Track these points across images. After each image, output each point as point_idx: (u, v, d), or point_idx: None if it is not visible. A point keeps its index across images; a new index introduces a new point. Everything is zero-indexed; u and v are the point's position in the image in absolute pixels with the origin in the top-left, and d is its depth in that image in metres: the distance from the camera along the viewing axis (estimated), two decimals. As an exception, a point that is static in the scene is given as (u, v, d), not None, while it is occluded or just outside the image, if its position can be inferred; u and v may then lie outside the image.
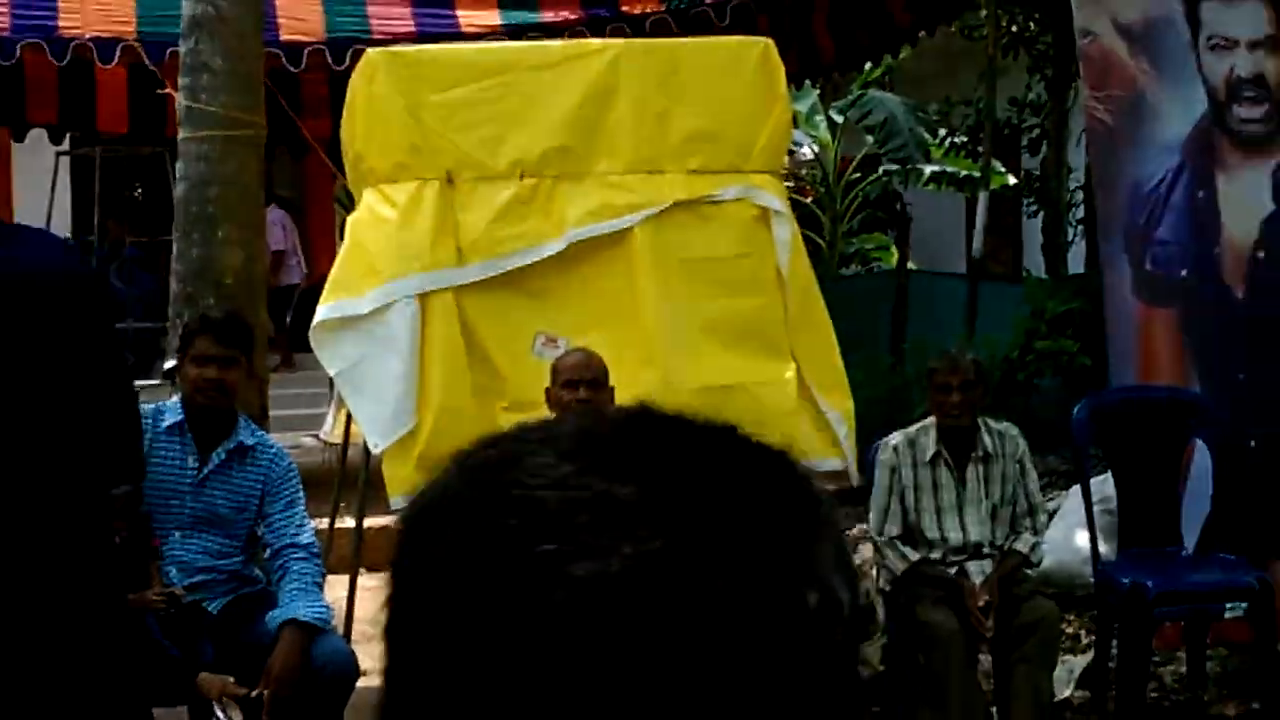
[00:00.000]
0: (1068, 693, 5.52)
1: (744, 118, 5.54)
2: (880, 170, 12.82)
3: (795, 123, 13.54)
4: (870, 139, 12.42)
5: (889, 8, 9.13)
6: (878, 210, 13.89)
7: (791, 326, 5.53)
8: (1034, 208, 11.66)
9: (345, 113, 5.62)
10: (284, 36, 8.62)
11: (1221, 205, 5.86)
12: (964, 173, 12.17)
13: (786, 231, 5.55)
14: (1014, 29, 10.11)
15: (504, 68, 5.53)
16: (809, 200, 13.97)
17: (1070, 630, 6.01)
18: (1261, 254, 5.79)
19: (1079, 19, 6.06)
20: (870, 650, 6.01)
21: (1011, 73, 11.06)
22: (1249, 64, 5.90)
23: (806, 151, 14.11)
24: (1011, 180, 12.70)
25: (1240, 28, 5.93)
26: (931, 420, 5.18)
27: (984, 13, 9.31)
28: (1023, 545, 5.09)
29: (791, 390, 5.46)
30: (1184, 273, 5.89)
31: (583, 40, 6.29)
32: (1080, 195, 10.40)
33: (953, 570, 5.07)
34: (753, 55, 5.61)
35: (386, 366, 5.17)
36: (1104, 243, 6.12)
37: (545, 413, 4.99)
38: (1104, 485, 5.72)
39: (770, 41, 5.71)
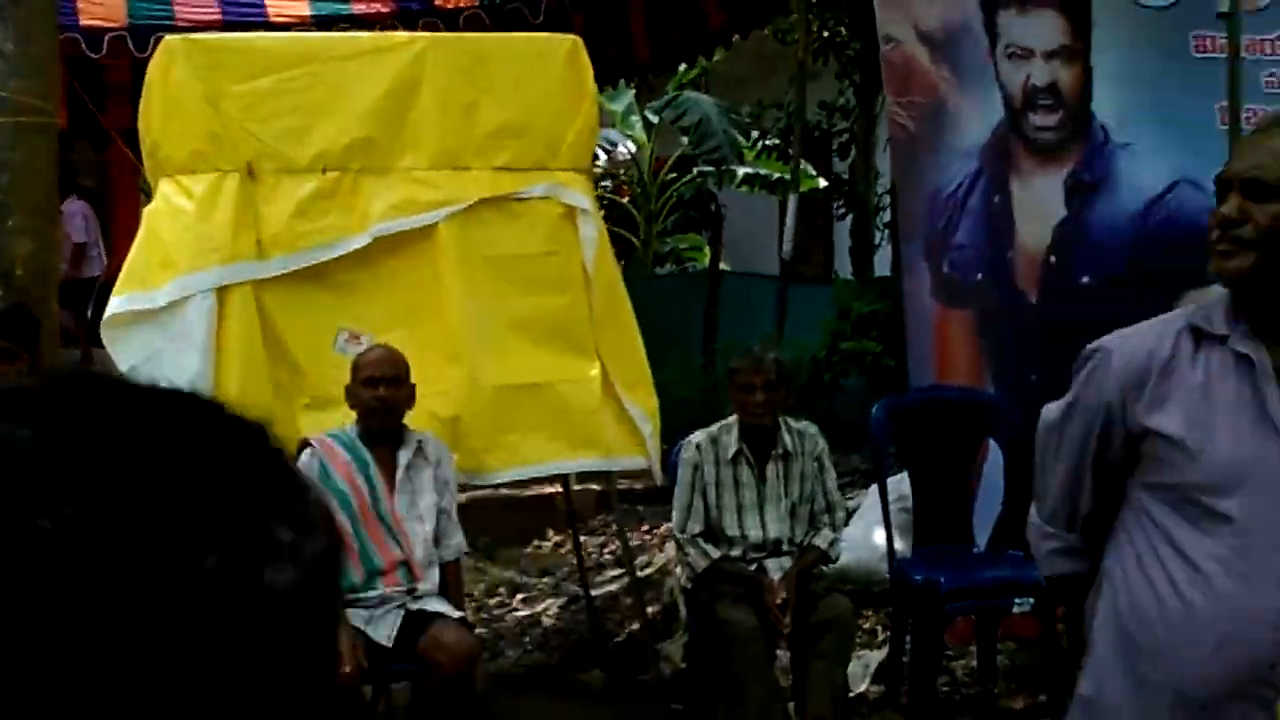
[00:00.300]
0: (863, 687, 5.62)
1: (551, 115, 5.53)
2: (695, 171, 12.92)
3: (611, 122, 13.59)
4: (685, 140, 12.51)
5: (703, 9, 9.20)
6: (692, 210, 14.00)
7: (597, 325, 5.54)
8: (843, 211, 11.86)
9: (143, 101, 5.45)
10: (84, 21, 8.34)
11: (1016, 211, 6.02)
12: (776, 175, 12.32)
13: (593, 230, 5.55)
14: (825, 34, 10.27)
15: (307, 58, 5.43)
16: (625, 200, 14.03)
17: (867, 626, 6.12)
18: (1053, 259, 5.96)
19: (882, 25, 6.18)
20: (673, 648, 6.06)
21: (823, 77, 11.23)
22: (1044, 73, 6.07)
23: (624, 151, 14.16)
24: (823, 183, 12.89)
25: (1036, 38, 6.10)
26: (734, 419, 5.23)
27: (795, 17, 9.42)
28: (821, 541, 5.17)
29: (596, 388, 5.47)
30: (980, 276, 6.04)
31: (388, 33, 6.21)
32: (888, 199, 10.60)
33: (752, 567, 5.13)
34: (561, 52, 5.60)
35: (181, 362, 5.03)
36: (904, 246, 6.26)
37: (346, 410, 4.93)
38: (902, 484, 5.83)
39: (578, 39, 5.70)
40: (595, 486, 8.13)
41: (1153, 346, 2.37)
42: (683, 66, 10.65)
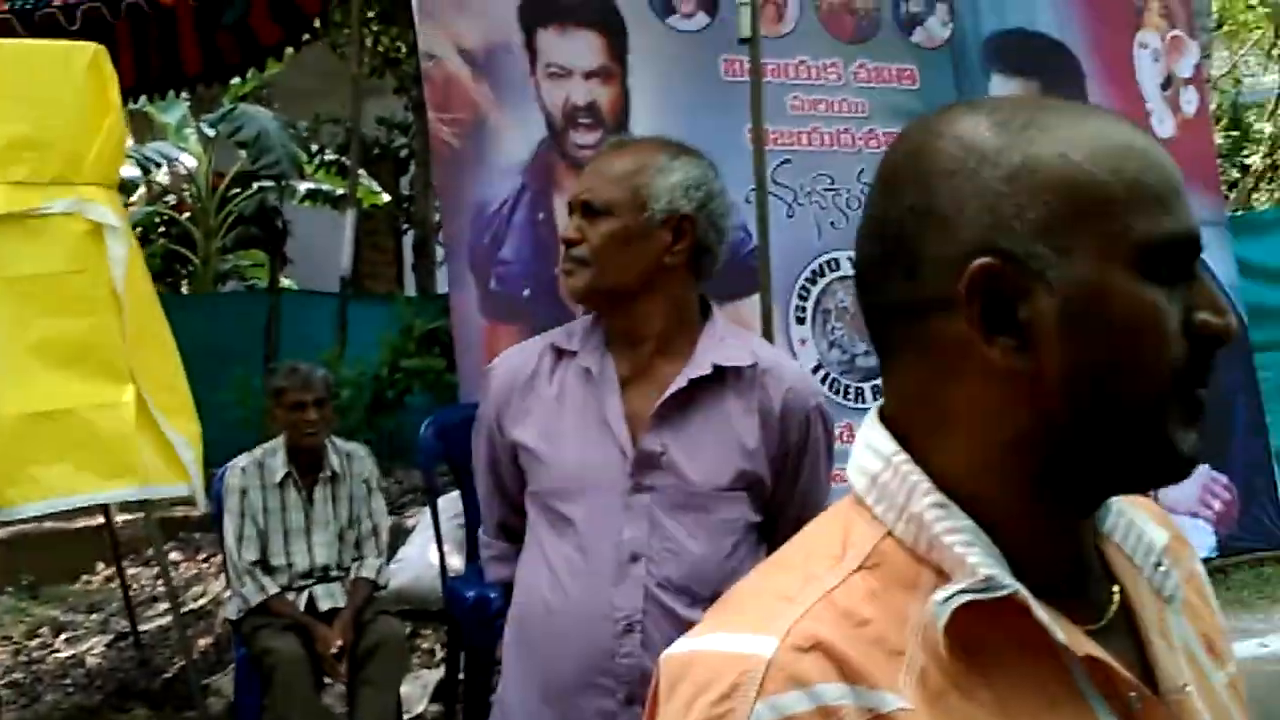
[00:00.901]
0: (421, 708, 5.58)
1: (73, 127, 5.21)
2: (255, 186, 12.56)
3: (164, 135, 13.09)
4: (244, 154, 12.16)
5: (253, 23, 8.96)
6: (255, 226, 13.61)
7: (130, 347, 5.25)
8: (406, 227, 11.81)
9: None
10: None
11: (559, 227, 6.12)
12: (340, 190, 12.14)
13: (122, 248, 5.26)
14: (381, 50, 10.20)
15: None
16: (185, 216, 13.52)
17: (425, 645, 6.09)
18: (597, 274, 6.09)
19: (423, 42, 6.17)
20: (225, 681, 5.85)
21: (385, 93, 11.16)
22: (583, 93, 6.22)
23: (184, 166, 13.64)
24: (386, 198, 12.79)
25: (575, 58, 6.25)
26: (279, 441, 5.11)
27: (350, 32, 9.30)
28: (369, 571, 5.10)
29: (130, 414, 5.18)
30: (527, 293, 6.11)
31: (-111, 37, 5.74)
32: (449, 215, 10.61)
33: (303, 595, 5.01)
34: (81, 61, 5.29)
35: None
36: (451, 262, 6.25)
37: None
38: (459, 500, 5.82)
39: (101, 48, 5.39)
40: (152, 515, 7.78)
41: (520, 364, 2.53)
42: (237, 79, 10.32)
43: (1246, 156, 12.83)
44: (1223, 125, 13.10)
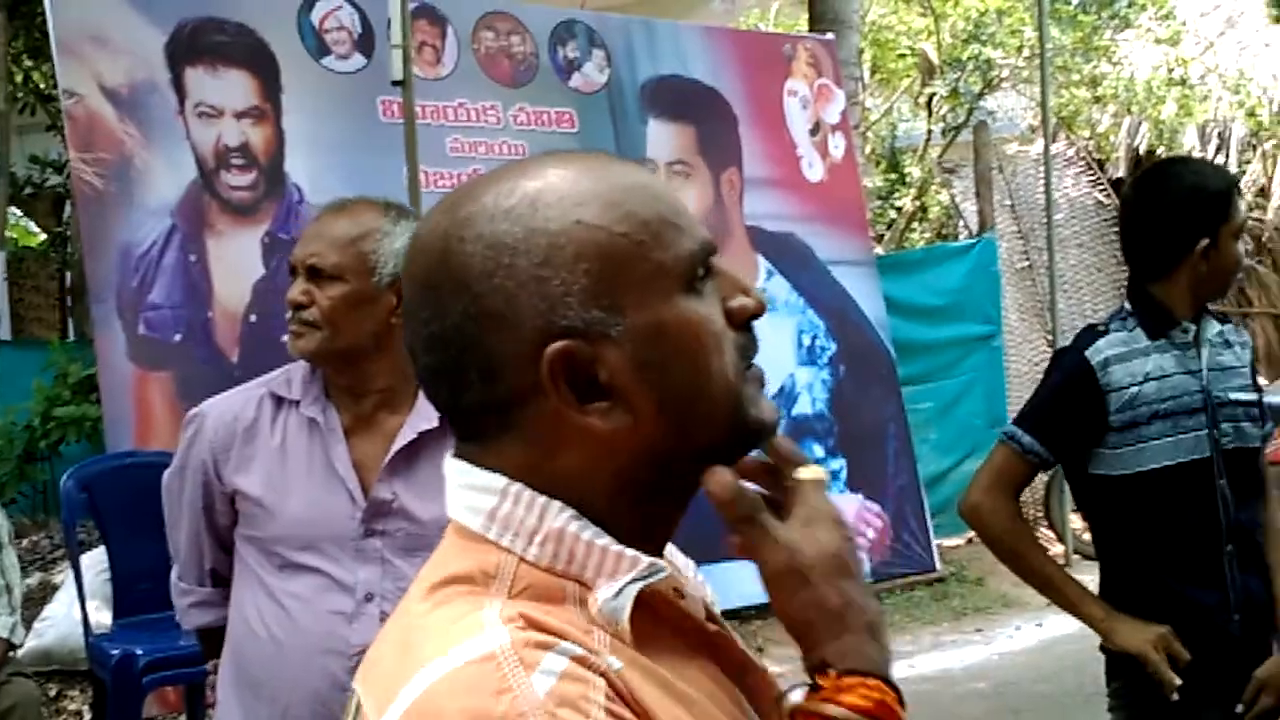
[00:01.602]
0: (64, 773, 5.35)
1: None
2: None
3: None
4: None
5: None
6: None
7: None
8: (60, 269, 11.34)
9: None
10: None
11: (213, 270, 5.99)
12: (-4, 230, 11.57)
13: None
14: (32, 85, 9.81)
15: None
16: None
17: (73, 707, 5.84)
18: (254, 317, 5.99)
19: (62, 80, 5.94)
20: None
21: (40, 129, 10.72)
22: (236, 133, 6.11)
23: None
24: (44, 238, 12.27)
25: (226, 98, 6.13)
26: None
27: (-2, 65, 8.91)
28: (0, 630, 4.85)
29: None
30: (178, 337, 5.95)
31: None
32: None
33: (-74, 660, 4.73)
34: None
35: None
36: (97, 306, 6.02)
37: None
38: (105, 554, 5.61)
39: None
40: None
41: (239, 411, 2.54)
42: None
43: (899, 199, 13.44)
44: (882, 169, 13.71)
